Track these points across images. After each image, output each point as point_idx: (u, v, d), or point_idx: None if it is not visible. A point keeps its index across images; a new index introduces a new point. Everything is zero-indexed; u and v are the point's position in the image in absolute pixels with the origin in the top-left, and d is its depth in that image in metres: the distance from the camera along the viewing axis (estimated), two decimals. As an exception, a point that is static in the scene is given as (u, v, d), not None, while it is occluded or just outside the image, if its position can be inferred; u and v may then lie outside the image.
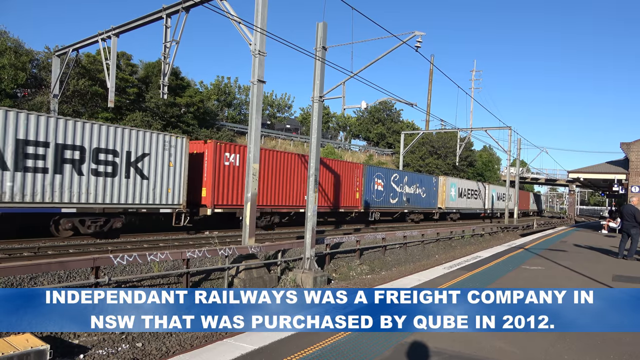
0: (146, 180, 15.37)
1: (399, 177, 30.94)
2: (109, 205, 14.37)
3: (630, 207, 13.67)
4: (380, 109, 59.07)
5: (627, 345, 5.43)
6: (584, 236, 23.52)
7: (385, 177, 29.19)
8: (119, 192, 14.54)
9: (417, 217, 33.64)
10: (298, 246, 13.60)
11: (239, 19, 12.95)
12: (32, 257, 10.87)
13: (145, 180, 15.34)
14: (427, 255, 19.87)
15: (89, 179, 13.87)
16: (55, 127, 13.08)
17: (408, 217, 33.09)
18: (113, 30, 18.16)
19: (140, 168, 15.16)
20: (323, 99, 12.56)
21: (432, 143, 51.21)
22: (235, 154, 18.38)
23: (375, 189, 28.00)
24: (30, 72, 25.97)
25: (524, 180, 68.07)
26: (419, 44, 13.39)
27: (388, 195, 29.38)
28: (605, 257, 14.17)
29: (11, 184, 12.17)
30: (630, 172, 24.95)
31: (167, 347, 7.64)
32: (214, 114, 39.04)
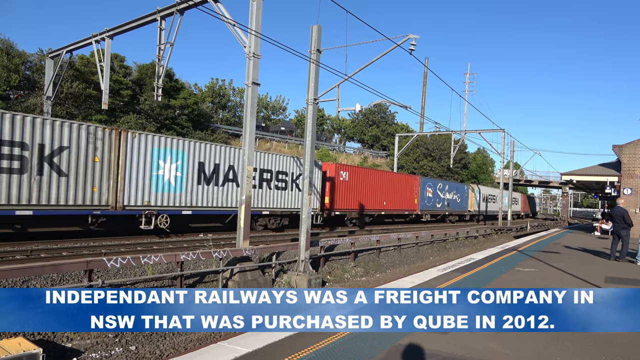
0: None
1: (442, 186, 37.63)
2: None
3: (620, 209, 13.81)
4: (375, 112, 59.22)
5: (619, 347, 5.47)
6: (577, 238, 23.68)
7: (434, 186, 35.91)
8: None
9: (454, 218, 40.52)
10: (292, 249, 13.60)
11: (233, 22, 12.96)
12: (25, 260, 10.80)
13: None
14: (422, 257, 19.92)
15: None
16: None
17: (447, 219, 39.53)
18: (107, 32, 18.11)
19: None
20: (317, 102, 12.59)
21: (427, 145, 51.37)
22: (346, 172, 24.45)
23: (427, 195, 34.48)
24: (23, 74, 25.84)
25: (518, 182, 68.39)
26: (413, 47, 13.45)
27: (435, 200, 35.95)
28: (598, 259, 14.28)
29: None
30: (622, 174, 25.16)
31: (160, 350, 7.61)
32: (208, 116, 38.99)
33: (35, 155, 12.61)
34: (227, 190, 17.99)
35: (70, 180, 13.35)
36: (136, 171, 14.87)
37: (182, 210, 16.41)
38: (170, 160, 15.89)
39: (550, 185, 72.71)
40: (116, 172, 14.36)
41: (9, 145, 12.11)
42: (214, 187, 17.47)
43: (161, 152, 15.61)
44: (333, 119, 62.84)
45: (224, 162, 17.82)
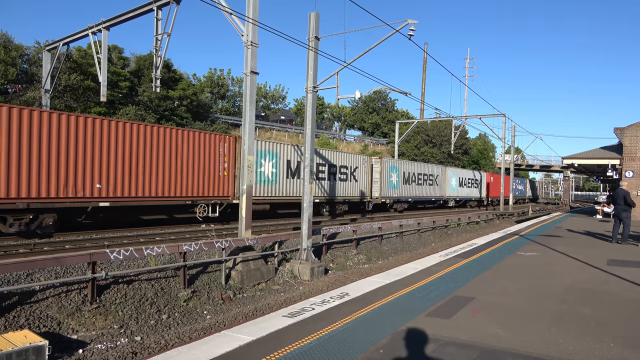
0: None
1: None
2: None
3: (621, 190, 13.80)
4: (375, 99, 58.96)
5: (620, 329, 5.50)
6: (578, 222, 23.69)
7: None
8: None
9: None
10: (295, 237, 13.62)
11: (230, 10, 12.83)
12: (28, 253, 10.84)
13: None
14: (424, 243, 19.96)
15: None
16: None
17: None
18: (103, 24, 17.95)
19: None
20: (317, 90, 12.51)
21: (427, 132, 51.21)
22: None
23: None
24: (21, 67, 25.73)
25: (519, 167, 68.29)
26: (412, 32, 13.30)
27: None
28: (600, 242, 14.30)
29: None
30: (624, 157, 25.07)
31: (165, 340, 7.67)
32: (207, 106, 38.86)
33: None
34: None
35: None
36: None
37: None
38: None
39: (551, 170, 72.60)
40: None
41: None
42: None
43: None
44: (333, 107, 62.61)
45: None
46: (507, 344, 4.89)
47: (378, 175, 28.24)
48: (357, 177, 26.16)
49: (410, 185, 32.34)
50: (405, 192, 31.69)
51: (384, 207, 30.02)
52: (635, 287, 7.77)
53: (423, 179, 34.38)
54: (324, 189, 23.38)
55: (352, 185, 25.72)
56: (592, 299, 6.87)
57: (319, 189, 22.91)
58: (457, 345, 4.81)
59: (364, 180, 26.84)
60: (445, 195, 38.13)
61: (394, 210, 30.88)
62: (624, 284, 8.03)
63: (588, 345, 4.89)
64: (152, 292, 9.28)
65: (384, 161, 28.98)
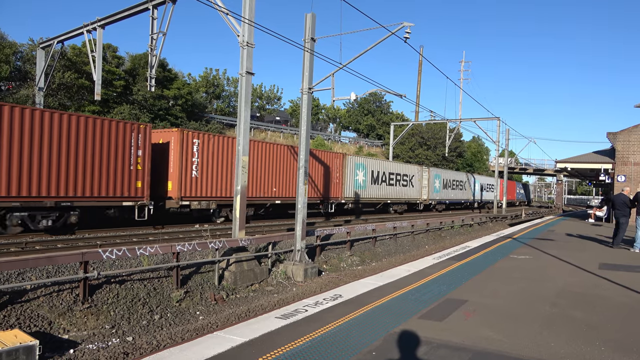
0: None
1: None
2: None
3: (622, 196, 13.87)
4: (370, 101, 59.03)
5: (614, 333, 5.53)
6: (571, 225, 23.84)
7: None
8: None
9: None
10: (289, 238, 13.61)
11: (226, 10, 12.80)
12: (20, 252, 10.75)
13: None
14: (417, 245, 20.01)
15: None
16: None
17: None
18: (98, 22, 17.84)
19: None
20: (312, 91, 12.52)
21: (422, 134, 51.34)
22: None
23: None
24: (14, 64, 25.54)
25: (513, 170, 68.62)
26: (408, 35, 13.34)
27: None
28: (592, 245, 14.39)
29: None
30: (616, 161, 25.28)
31: (157, 341, 7.62)
32: (202, 106, 38.76)
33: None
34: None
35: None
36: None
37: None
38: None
39: (544, 173, 73.01)
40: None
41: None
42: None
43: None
44: (328, 109, 62.65)
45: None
46: (498, 346, 4.91)
47: (426, 182, 35.05)
48: (414, 184, 33.61)
49: (447, 190, 39.35)
50: (444, 195, 38.81)
51: (428, 207, 36.54)
52: (627, 291, 7.83)
53: (456, 184, 41.24)
54: (394, 192, 30.82)
55: (410, 190, 33.07)
56: (583, 303, 6.91)
57: (392, 192, 30.33)
58: (449, 348, 4.82)
59: (418, 186, 34.31)
60: (471, 199, 45.62)
61: (435, 210, 37.50)
62: (616, 287, 8.08)
63: (579, 348, 4.92)
64: (145, 293, 9.23)
65: (431, 170, 36.18)
